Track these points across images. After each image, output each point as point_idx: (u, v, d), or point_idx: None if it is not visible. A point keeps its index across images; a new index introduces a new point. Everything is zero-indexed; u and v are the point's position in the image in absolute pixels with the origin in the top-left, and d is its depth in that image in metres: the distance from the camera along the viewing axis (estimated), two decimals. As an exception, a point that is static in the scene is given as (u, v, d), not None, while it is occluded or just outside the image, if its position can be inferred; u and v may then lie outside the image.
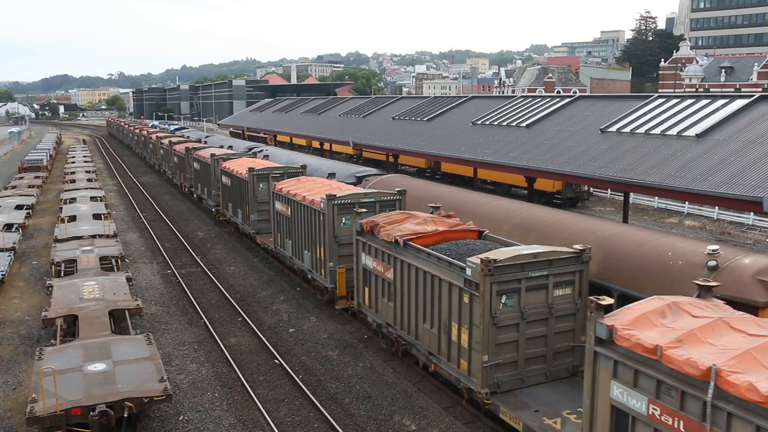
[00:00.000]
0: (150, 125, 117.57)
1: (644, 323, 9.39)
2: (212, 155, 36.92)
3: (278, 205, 25.63)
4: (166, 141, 58.28)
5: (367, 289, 18.92)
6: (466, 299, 13.89)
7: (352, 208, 20.42)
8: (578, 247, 14.23)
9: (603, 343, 9.75)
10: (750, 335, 8.70)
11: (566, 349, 14.37)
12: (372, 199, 21.32)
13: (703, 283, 10.69)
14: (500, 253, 13.71)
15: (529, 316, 13.81)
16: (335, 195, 21.02)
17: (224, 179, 33.70)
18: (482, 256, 13.44)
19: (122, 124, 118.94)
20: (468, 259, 13.82)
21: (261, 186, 29.02)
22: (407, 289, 16.43)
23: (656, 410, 8.87)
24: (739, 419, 7.59)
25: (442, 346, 15.18)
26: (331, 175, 28.54)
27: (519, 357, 13.90)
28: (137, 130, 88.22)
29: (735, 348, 8.35)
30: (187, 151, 46.07)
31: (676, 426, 8.59)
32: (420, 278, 15.78)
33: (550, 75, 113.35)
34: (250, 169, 29.06)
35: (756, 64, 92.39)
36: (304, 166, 30.19)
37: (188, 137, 65.25)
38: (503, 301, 13.47)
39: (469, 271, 13.62)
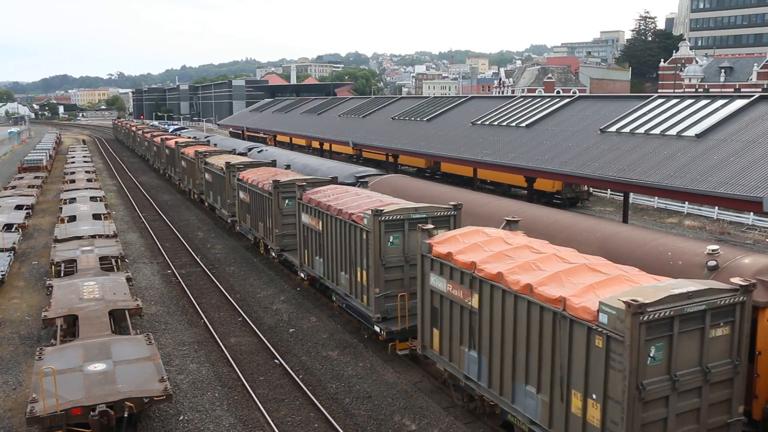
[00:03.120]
0: (150, 125, 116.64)
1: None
2: (375, 211, 17.24)
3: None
4: (219, 163, 34.68)
5: None
6: None
7: None
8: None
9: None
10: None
11: None
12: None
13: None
14: None
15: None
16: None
17: (440, 285, 14.70)
18: None
19: (132, 128, 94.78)
20: None
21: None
22: None
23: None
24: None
25: None
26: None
27: None
28: (156, 139, 63.94)
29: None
30: (277, 187, 24.82)
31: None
32: None
33: (549, 75, 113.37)
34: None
35: (755, 64, 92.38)
36: None
37: (247, 150, 47.09)
38: None
39: None
